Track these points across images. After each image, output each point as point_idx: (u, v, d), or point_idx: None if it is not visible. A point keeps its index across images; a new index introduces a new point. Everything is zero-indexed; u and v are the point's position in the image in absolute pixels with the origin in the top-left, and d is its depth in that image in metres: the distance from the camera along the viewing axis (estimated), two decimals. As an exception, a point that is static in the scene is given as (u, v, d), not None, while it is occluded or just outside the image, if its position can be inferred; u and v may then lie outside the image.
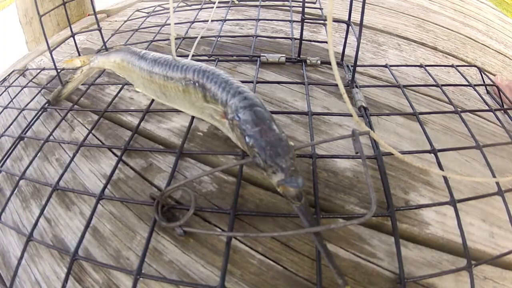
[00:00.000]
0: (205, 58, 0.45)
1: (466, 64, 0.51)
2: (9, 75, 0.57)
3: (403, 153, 0.30)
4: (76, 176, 0.32)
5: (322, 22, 0.55)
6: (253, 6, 0.65)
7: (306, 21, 0.41)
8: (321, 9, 0.59)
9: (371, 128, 0.32)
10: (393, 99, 0.38)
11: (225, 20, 0.56)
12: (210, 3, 0.66)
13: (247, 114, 0.24)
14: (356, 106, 0.35)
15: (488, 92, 0.43)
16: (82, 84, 0.43)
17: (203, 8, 0.62)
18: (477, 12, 0.84)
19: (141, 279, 0.22)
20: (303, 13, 0.40)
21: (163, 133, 0.34)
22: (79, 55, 0.47)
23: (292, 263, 0.23)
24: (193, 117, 0.33)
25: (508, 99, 0.40)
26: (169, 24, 0.57)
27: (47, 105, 0.41)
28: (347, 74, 0.40)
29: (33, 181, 0.33)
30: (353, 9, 0.38)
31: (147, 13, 0.68)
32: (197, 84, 0.27)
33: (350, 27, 0.38)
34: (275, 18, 0.58)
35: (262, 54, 0.43)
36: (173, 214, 0.26)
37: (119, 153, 0.32)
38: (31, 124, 0.39)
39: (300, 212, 0.21)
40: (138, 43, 0.52)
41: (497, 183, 0.27)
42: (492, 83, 0.43)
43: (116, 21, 0.70)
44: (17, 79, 0.54)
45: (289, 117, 0.35)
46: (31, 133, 0.39)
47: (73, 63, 0.42)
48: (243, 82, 0.28)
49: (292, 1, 0.64)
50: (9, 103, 0.47)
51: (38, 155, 0.34)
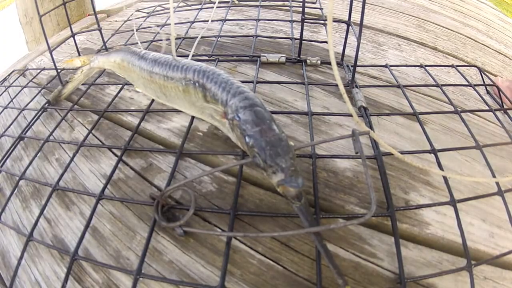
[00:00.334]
0: (205, 58, 0.45)
1: (466, 64, 0.51)
2: (9, 75, 0.57)
3: (403, 153, 0.30)
4: (76, 176, 0.32)
5: (322, 22, 0.55)
6: (253, 6, 0.65)
7: (306, 21, 0.41)
8: (321, 9, 0.59)
9: (371, 128, 0.32)
10: (393, 99, 0.38)
11: (225, 20, 0.56)
12: (210, 3, 0.66)
13: (247, 114, 0.24)
14: (356, 106, 0.35)
15: (488, 92, 0.43)
16: (82, 84, 0.43)
17: (203, 8, 0.62)
18: (477, 12, 0.84)
19: (141, 279, 0.22)
20: (303, 13, 0.39)
21: (163, 133, 0.34)
22: (79, 55, 0.47)
23: (292, 263, 0.23)
24: (193, 117, 0.33)
25: (509, 99, 0.40)
26: (169, 24, 0.57)
27: (47, 105, 0.41)
28: (347, 74, 0.40)
29: (33, 181, 0.33)
30: (353, 9, 0.38)
31: (147, 13, 0.68)
32: (197, 84, 0.28)
33: (350, 27, 0.38)
34: (275, 18, 0.58)
35: (262, 54, 0.43)
36: (173, 214, 0.26)
37: (119, 153, 0.32)
38: (31, 124, 0.39)
39: (300, 212, 0.21)
40: (138, 43, 0.52)
41: (497, 183, 0.27)
42: (492, 83, 0.43)
43: (116, 21, 0.70)
44: (17, 79, 0.54)
45: (289, 117, 0.35)
46: (31, 133, 0.39)
47: (73, 63, 0.42)
48: (243, 82, 0.28)
49: (292, 1, 0.64)
50: (9, 103, 0.47)
51: (38, 155, 0.34)
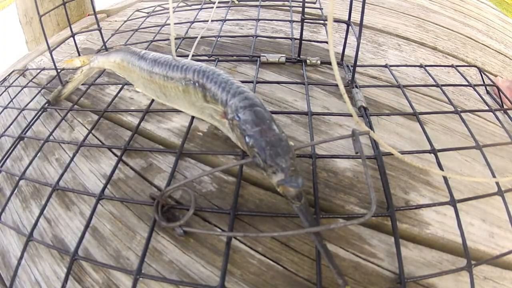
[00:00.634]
0: (205, 58, 0.45)
1: (466, 64, 0.51)
2: (9, 75, 0.57)
3: (403, 153, 0.30)
4: (76, 176, 0.32)
5: (322, 22, 0.55)
6: (253, 6, 0.65)
7: (306, 21, 0.41)
8: (321, 9, 0.59)
9: (371, 128, 0.32)
10: (393, 99, 0.38)
11: (225, 20, 0.56)
12: (210, 3, 0.66)
13: (247, 114, 0.24)
14: (356, 106, 0.35)
15: (488, 92, 0.43)
16: (82, 84, 0.43)
17: (203, 8, 0.62)
18: (477, 12, 0.84)
19: (141, 279, 0.22)
20: (303, 13, 0.39)
21: (163, 133, 0.34)
22: (79, 55, 0.47)
23: (292, 263, 0.23)
24: (193, 117, 0.33)
25: (508, 99, 0.40)
26: (169, 24, 0.57)
27: (47, 105, 0.41)
28: (347, 74, 0.40)
29: (33, 181, 0.33)
30: (353, 9, 0.38)
31: (147, 13, 0.68)
32: (197, 84, 0.28)
33: (350, 27, 0.38)
34: (275, 18, 0.58)
35: (262, 54, 0.43)
36: (173, 214, 0.26)
37: (119, 153, 0.32)
38: (31, 124, 0.39)
39: (300, 212, 0.21)
40: (138, 43, 0.52)
41: (497, 183, 0.27)
42: (492, 83, 0.43)
43: (116, 21, 0.70)
44: (17, 79, 0.54)
45: (289, 117, 0.35)
46: (31, 133, 0.39)
47: (73, 63, 0.42)
48: (243, 82, 0.28)
49: (292, 1, 0.64)
50: (9, 103, 0.47)
51: (38, 155, 0.34)
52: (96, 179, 0.31)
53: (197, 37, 0.40)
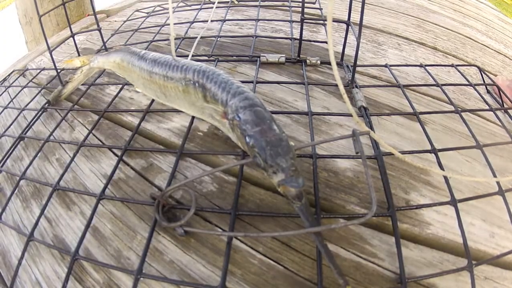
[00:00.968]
0: (205, 58, 0.45)
1: (466, 63, 0.51)
2: (9, 75, 0.57)
3: (403, 153, 0.30)
4: (77, 176, 0.32)
5: (321, 22, 0.55)
6: (253, 6, 0.65)
7: (305, 21, 0.41)
8: (320, 9, 0.59)
9: (371, 128, 0.32)
10: (393, 99, 0.38)
11: (225, 20, 0.56)
12: (209, 3, 0.66)
13: (247, 114, 0.24)
14: (356, 106, 0.35)
15: (488, 92, 0.43)
16: (82, 84, 0.43)
17: (203, 8, 0.62)
18: (476, 12, 0.84)
19: (141, 279, 0.22)
20: (302, 13, 0.39)
21: (163, 133, 0.34)
22: (79, 55, 0.47)
23: (293, 263, 0.23)
24: (193, 117, 0.33)
25: (509, 99, 0.40)
26: (169, 24, 0.57)
27: (47, 105, 0.41)
28: (347, 74, 0.40)
29: (33, 181, 0.33)
30: (353, 9, 0.38)
31: (147, 13, 0.68)
32: (197, 84, 0.28)
33: (349, 27, 0.38)
34: (274, 18, 0.58)
35: (262, 54, 0.43)
36: (174, 214, 0.26)
37: (119, 153, 0.32)
38: (31, 124, 0.39)
39: (301, 212, 0.21)
40: (138, 43, 0.52)
41: (498, 182, 0.27)
42: (492, 82, 0.43)
43: (116, 21, 0.70)
44: (17, 79, 0.54)
45: (289, 117, 0.35)
46: (31, 133, 0.39)
47: (73, 63, 0.42)
48: (243, 82, 0.28)
49: (292, 1, 0.64)
50: (9, 103, 0.47)
51: (38, 155, 0.34)
52: (96, 179, 0.31)
53: (197, 37, 0.40)
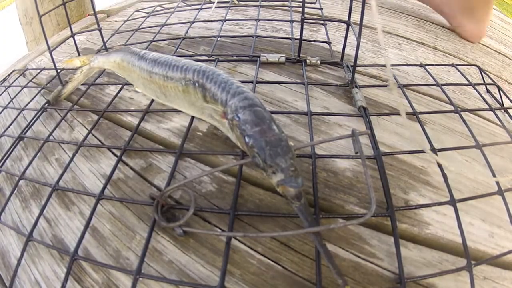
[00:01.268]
0: (205, 58, 0.45)
1: (466, 63, 0.51)
2: (9, 75, 0.57)
3: (403, 153, 0.30)
4: (76, 176, 0.32)
5: (322, 22, 0.55)
6: (253, 6, 0.65)
7: (306, 21, 0.41)
8: (321, 9, 0.59)
9: (371, 128, 0.32)
10: (393, 99, 0.38)
11: (225, 20, 0.56)
12: (210, 3, 0.66)
13: (246, 114, 0.24)
14: (356, 106, 0.35)
15: (488, 91, 0.43)
16: (82, 84, 0.43)
17: (203, 8, 0.62)
18: (477, 12, 0.84)
19: (140, 279, 0.22)
20: (303, 13, 0.39)
21: (163, 133, 0.34)
22: (79, 55, 0.47)
23: (292, 263, 0.23)
24: (193, 117, 0.33)
25: (509, 98, 0.40)
26: (169, 24, 0.57)
27: (47, 105, 0.41)
28: (346, 74, 0.40)
29: (32, 181, 0.33)
30: (353, 9, 0.38)
31: (147, 13, 0.68)
32: (197, 84, 0.27)
33: (350, 27, 0.38)
34: (275, 18, 0.58)
35: (262, 54, 0.43)
36: (173, 214, 0.26)
37: (118, 153, 0.32)
38: (31, 124, 0.39)
39: (300, 212, 0.21)
40: (138, 43, 0.52)
41: (497, 182, 0.27)
42: (492, 82, 0.43)
43: (116, 21, 0.70)
44: (17, 79, 0.54)
45: (288, 117, 0.35)
46: (30, 133, 0.39)
47: (73, 63, 0.42)
48: (243, 82, 0.28)
49: (292, 1, 0.64)
50: (9, 103, 0.47)
51: (37, 155, 0.34)
52: (95, 179, 0.31)
53: (197, 37, 0.40)
